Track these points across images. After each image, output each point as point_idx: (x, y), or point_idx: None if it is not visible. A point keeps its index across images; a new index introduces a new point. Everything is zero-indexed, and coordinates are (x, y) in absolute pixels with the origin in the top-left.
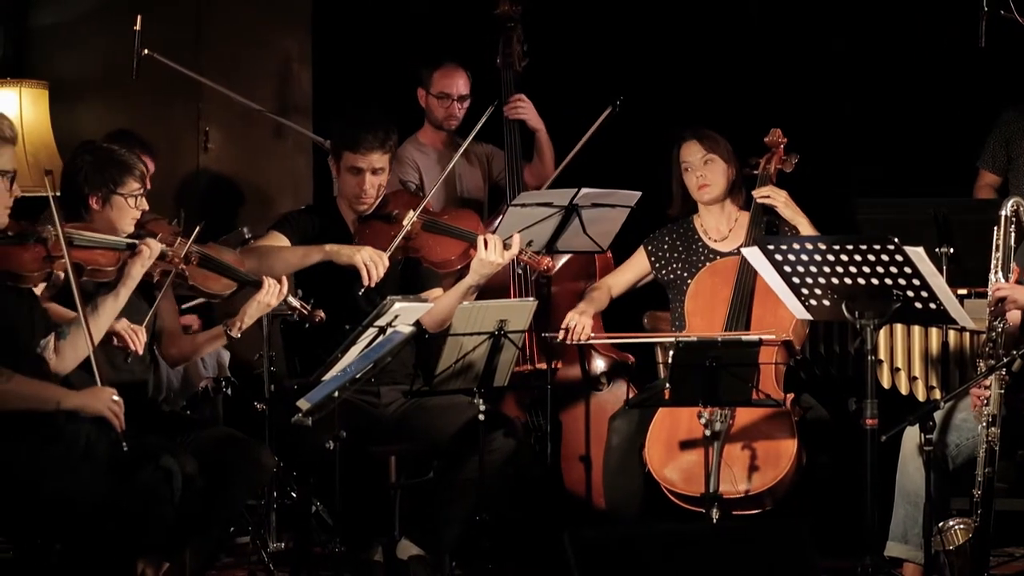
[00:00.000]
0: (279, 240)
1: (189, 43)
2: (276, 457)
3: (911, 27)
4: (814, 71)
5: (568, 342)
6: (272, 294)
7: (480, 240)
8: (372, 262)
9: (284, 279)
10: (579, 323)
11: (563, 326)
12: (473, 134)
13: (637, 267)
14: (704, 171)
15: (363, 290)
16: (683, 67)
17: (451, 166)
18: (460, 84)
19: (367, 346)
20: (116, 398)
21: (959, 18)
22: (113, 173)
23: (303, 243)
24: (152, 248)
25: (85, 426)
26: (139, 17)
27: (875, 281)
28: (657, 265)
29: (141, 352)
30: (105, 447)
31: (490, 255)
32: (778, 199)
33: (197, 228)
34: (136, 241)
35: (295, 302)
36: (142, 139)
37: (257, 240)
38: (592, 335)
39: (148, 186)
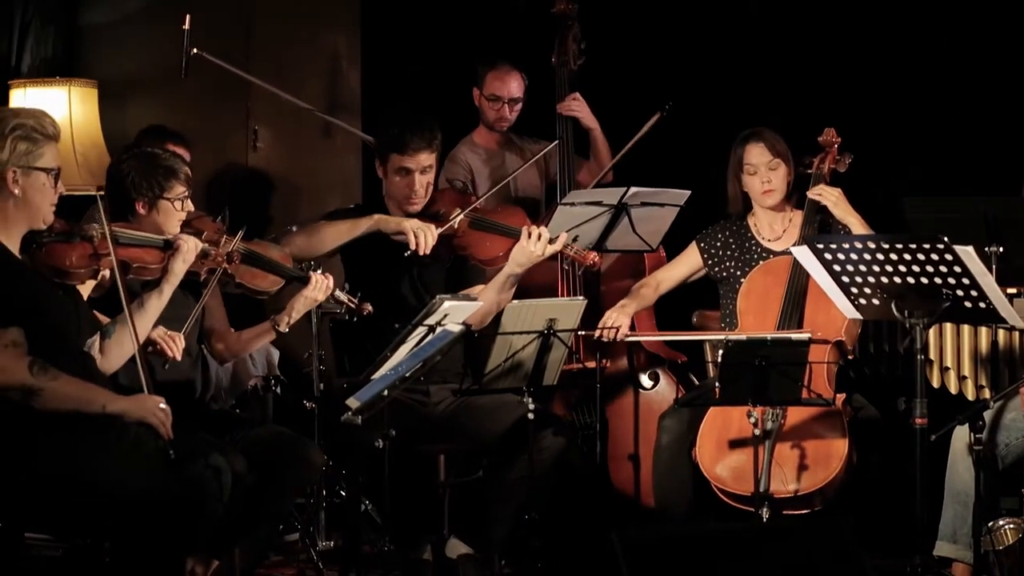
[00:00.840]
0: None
1: (238, 42)
2: (325, 455)
3: (963, 25)
4: (866, 70)
5: (604, 340)
6: (319, 288)
7: (525, 230)
8: (420, 230)
9: (330, 275)
10: (616, 321)
11: (601, 324)
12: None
13: (689, 263)
14: (770, 175)
15: (409, 252)
16: (737, 66)
17: (508, 180)
18: (512, 87)
19: (416, 345)
20: (163, 406)
21: (1011, 16)
22: (159, 178)
23: (348, 249)
24: (190, 243)
25: (135, 425)
26: (188, 16)
27: (924, 280)
28: (710, 262)
29: (179, 359)
30: (154, 445)
31: (531, 245)
32: (829, 197)
33: (242, 230)
34: (172, 238)
35: (342, 296)
36: (173, 131)
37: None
38: (628, 333)
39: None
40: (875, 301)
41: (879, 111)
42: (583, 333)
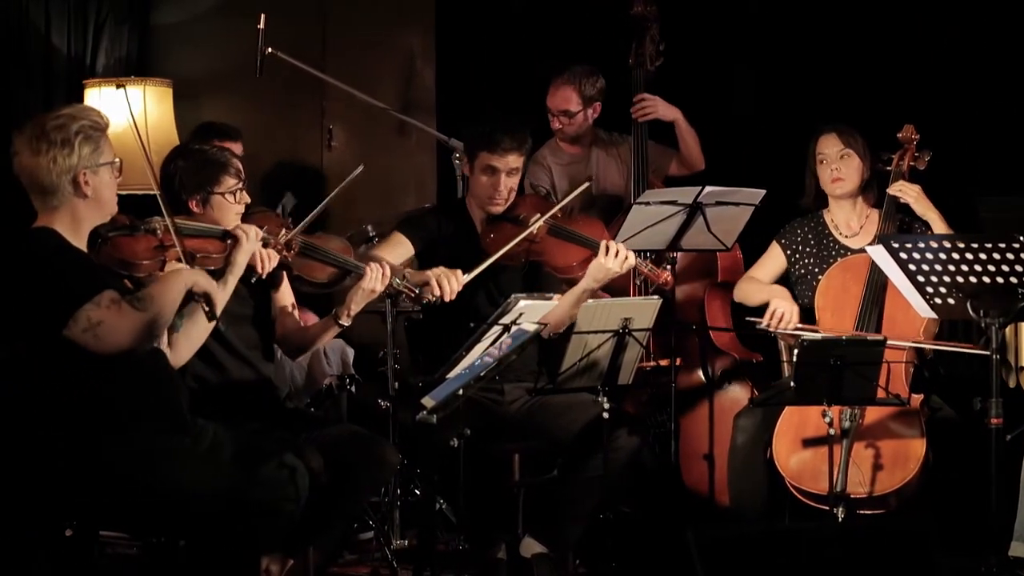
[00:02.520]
0: (401, 243)
1: (313, 41)
2: (400, 454)
3: None
4: (945, 67)
5: (771, 330)
6: (376, 279)
7: (603, 245)
8: (445, 277)
9: (385, 264)
10: (788, 311)
11: (770, 312)
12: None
13: (775, 262)
14: (839, 164)
15: (430, 300)
16: (815, 65)
17: (574, 194)
18: (563, 101)
19: (491, 344)
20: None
21: None
22: (208, 174)
23: (426, 245)
24: (250, 232)
25: (211, 424)
26: (263, 15)
27: (1000, 280)
28: (792, 259)
29: (264, 275)
30: (231, 445)
31: (608, 261)
32: (910, 193)
33: (301, 223)
34: (232, 231)
35: (399, 284)
36: (222, 126)
37: (380, 242)
38: (799, 325)
39: (244, 178)
40: (951, 301)
41: (958, 109)
42: (751, 320)
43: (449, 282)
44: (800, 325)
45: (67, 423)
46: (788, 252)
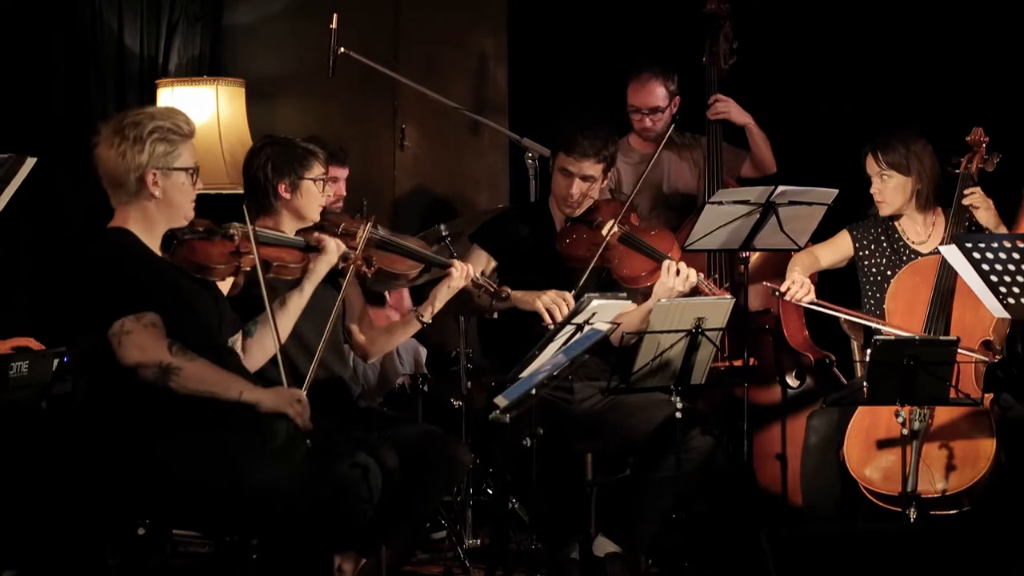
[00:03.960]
0: (479, 257)
1: (386, 41)
2: (473, 454)
3: None
4: (1016, 69)
5: (788, 298)
6: (460, 277)
7: (665, 264)
8: (555, 304)
9: (469, 263)
10: (805, 284)
11: (789, 282)
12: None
13: (840, 248)
14: (880, 186)
15: (506, 296)
16: (887, 64)
17: (630, 198)
18: (650, 97)
19: (564, 343)
20: (302, 399)
21: None
22: (299, 159)
23: (502, 253)
24: (332, 246)
25: (283, 422)
26: (335, 15)
27: None
28: (861, 253)
29: (304, 424)
30: (303, 443)
31: (670, 280)
32: (981, 205)
33: (374, 226)
34: (314, 241)
35: (480, 279)
36: (332, 147)
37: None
38: (815, 299)
39: (342, 186)
40: None
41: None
42: (769, 285)
43: (560, 308)
44: (816, 300)
45: (139, 421)
46: (857, 245)
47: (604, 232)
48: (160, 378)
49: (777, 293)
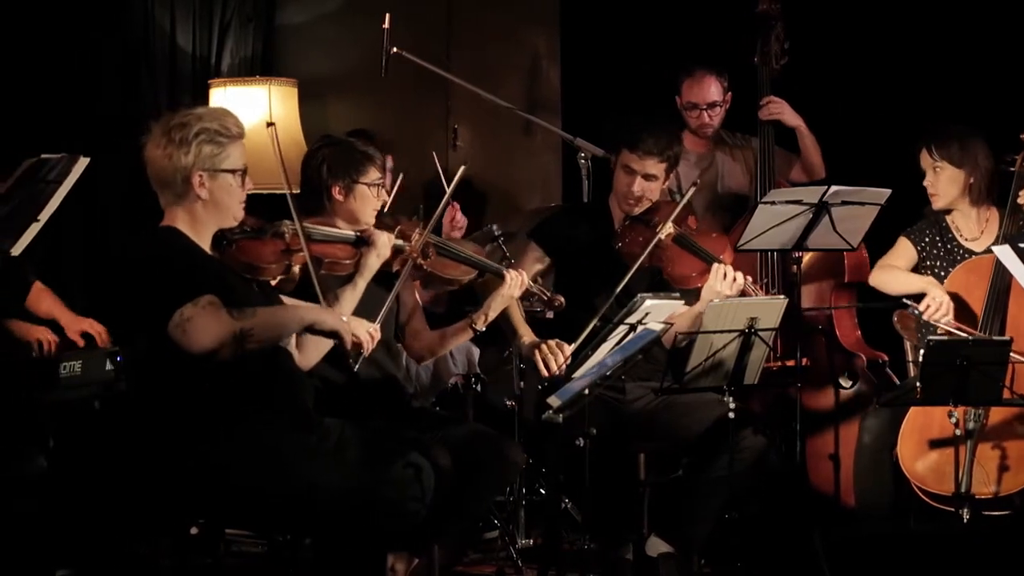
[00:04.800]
0: (535, 255)
1: (438, 41)
2: (525, 454)
3: None
4: None
5: (927, 318)
6: (514, 286)
7: (714, 268)
8: (552, 354)
9: (524, 272)
10: (945, 303)
11: (927, 301)
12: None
13: (907, 254)
14: (933, 179)
15: (558, 305)
16: (942, 63)
17: (684, 199)
18: (708, 93)
19: (617, 343)
20: (367, 325)
21: None
22: (355, 163)
23: (557, 251)
24: (383, 238)
25: (337, 422)
26: (388, 15)
27: None
28: (922, 255)
29: (368, 351)
30: (357, 444)
31: (718, 284)
32: None
33: (430, 222)
34: (364, 235)
35: (534, 287)
36: (372, 136)
37: (517, 257)
38: (951, 320)
39: (388, 178)
40: None
41: None
42: (909, 302)
43: (556, 358)
44: (955, 323)
45: (191, 421)
46: (918, 248)
47: (659, 231)
48: (237, 348)
49: (916, 312)
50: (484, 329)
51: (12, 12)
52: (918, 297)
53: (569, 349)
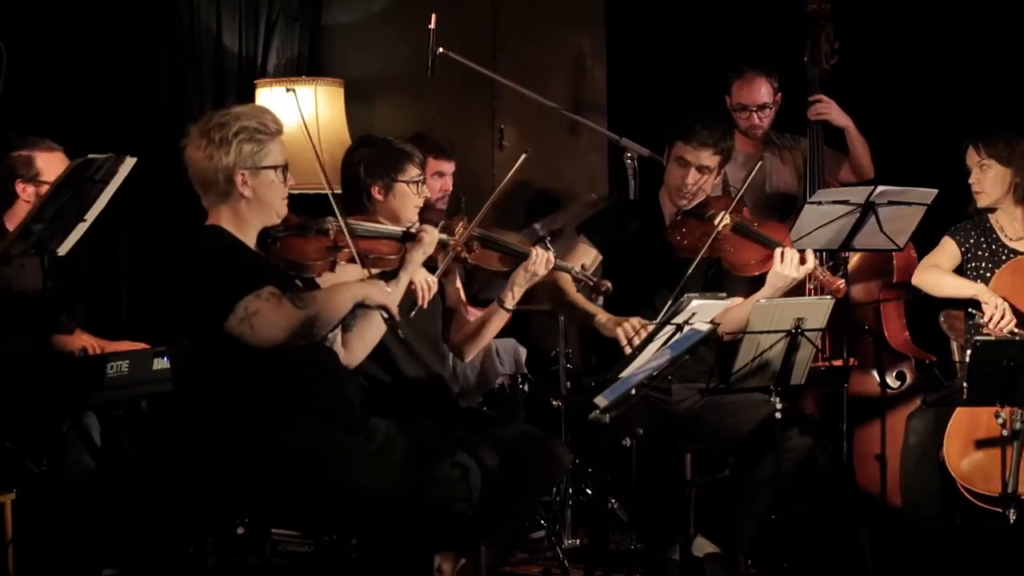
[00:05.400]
0: (584, 251)
1: (484, 41)
2: (572, 453)
3: None
4: None
5: (991, 327)
6: (539, 263)
7: (777, 252)
8: (634, 331)
9: (551, 249)
10: (1007, 309)
11: (993, 308)
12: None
13: (952, 254)
14: (979, 176)
15: (605, 291)
16: (988, 62)
17: (742, 189)
18: (759, 94)
19: (664, 343)
20: (431, 279)
21: None
22: (393, 161)
23: (609, 246)
24: (432, 235)
25: (384, 422)
26: (434, 16)
27: None
28: (967, 255)
29: (425, 306)
30: (404, 444)
31: (785, 268)
32: None
33: (476, 217)
34: (412, 230)
35: (579, 273)
36: (439, 142)
37: (563, 252)
38: (1014, 328)
39: (448, 181)
40: None
41: None
42: (973, 311)
43: (639, 335)
44: (1016, 329)
45: (237, 421)
46: (963, 248)
47: (716, 222)
48: (305, 336)
49: (981, 321)
50: (513, 308)
51: (60, 13)
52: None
53: (651, 327)
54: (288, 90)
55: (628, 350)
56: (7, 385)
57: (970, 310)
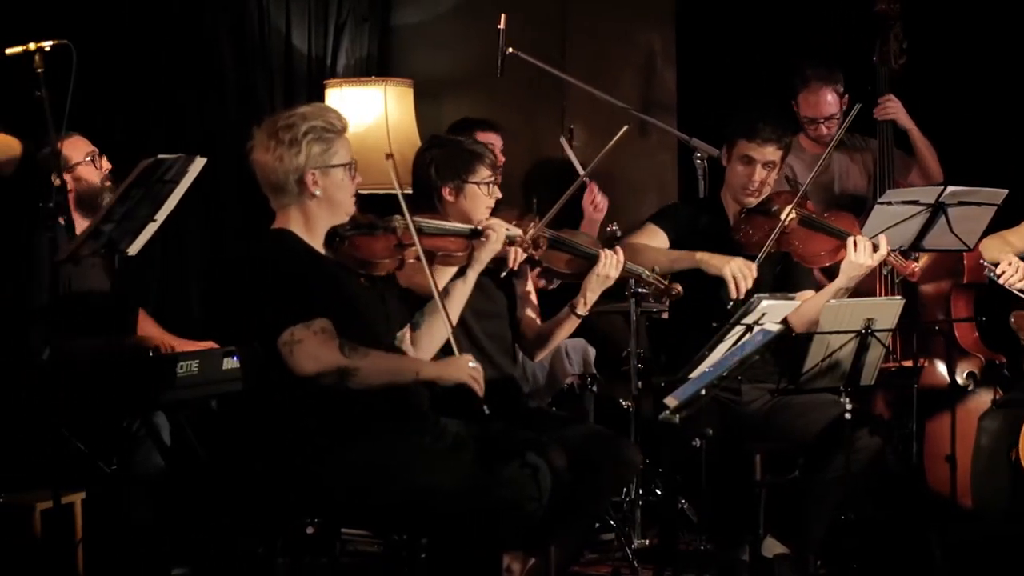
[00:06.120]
0: (654, 234)
1: (553, 41)
2: (642, 454)
3: None
4: None
5: (1002, 281)
6: (610, 265)
7: (850, 241)
8: (741, 274)
9: (619, 250)
10: (1021, 268)
11: (1005, 264)
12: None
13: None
14: None
15: (731, 303)
16: None
17: (805, 184)
18: (825, 107)
19: (734, 343)
20: (473, 364)
21: None
22: (464, 162)
23: (679, 237)
24: (499, 231)
25: (453, 422)
26: (503, 16)
27: None
28: None
29: (515, 268)
30: (473, 444)
31: (859, 257)
32: None
33: (547, 215)
34: (480, 227)
35: (649, 276)
36: (482, 119)
37: (632, 234)
38: None
39: (499, 176)
40: None
41: None
42: (983, 263)
43: (745, 279)
44: None
45: (308, 421)
46: None
47: (782, 216)
48: (339, 382)
49: (992, 274)
50: (586, 313)
51: (130, 14)
52: None
53: (755, 268)
54: (387, 156)
55: (734, 294)
56: (77, 385)
57: (986, 263)
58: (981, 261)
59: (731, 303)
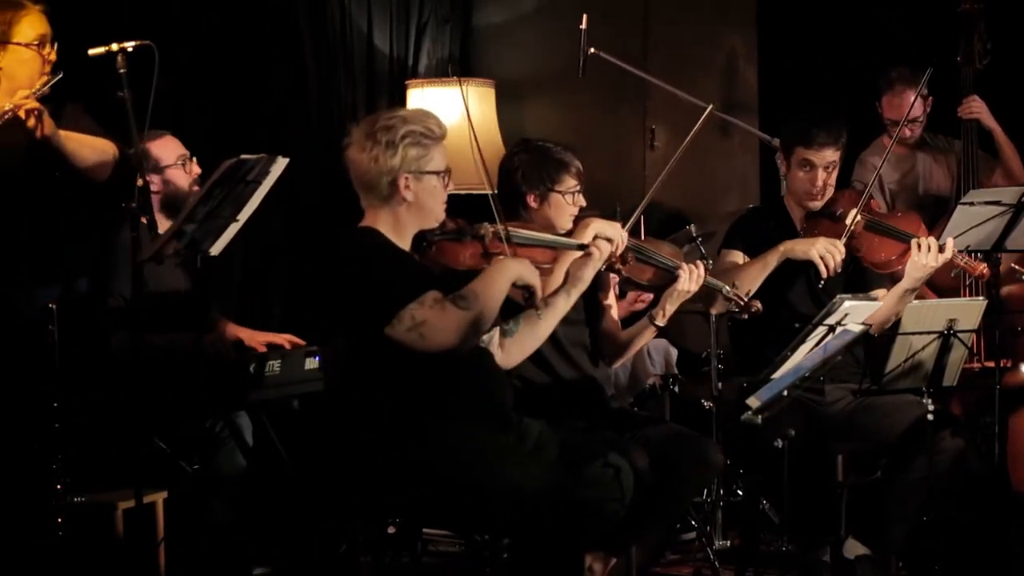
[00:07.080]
0: (735, 257)
1: (635, 41)
2: (724, 455)
3: None
4: None
5: None
6: (690, 280)
7: (914, 243)
8: (828, 252)
9: (700, 264)
10: None
11: None
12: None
13: None
14: None
15: (822, 282)
16: None
17: (868, 187)
18: (907, 109)
19: (817, 344)
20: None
21: None
22: (550, 171)
23: (749, 248)
24: (603, 251)
25: (537, 422)
26: (585, 16)
27: None
28: None
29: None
30: (556, 444)
31: (923, 258)
32: None
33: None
34: (589, 245)
35: (729, 292)
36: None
37: (716, 266)
38: None
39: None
40: None
41: None
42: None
43: (834, 257)
44: None
45: (392, 420)
46: None
47: (848, 221)
48: (477, 336)
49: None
50: (664, 324)
51: (212, 15)
52: None
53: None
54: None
55: (824, 273)
56: (160, 384)
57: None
58: (1013, 266)
59: (822, 282)
